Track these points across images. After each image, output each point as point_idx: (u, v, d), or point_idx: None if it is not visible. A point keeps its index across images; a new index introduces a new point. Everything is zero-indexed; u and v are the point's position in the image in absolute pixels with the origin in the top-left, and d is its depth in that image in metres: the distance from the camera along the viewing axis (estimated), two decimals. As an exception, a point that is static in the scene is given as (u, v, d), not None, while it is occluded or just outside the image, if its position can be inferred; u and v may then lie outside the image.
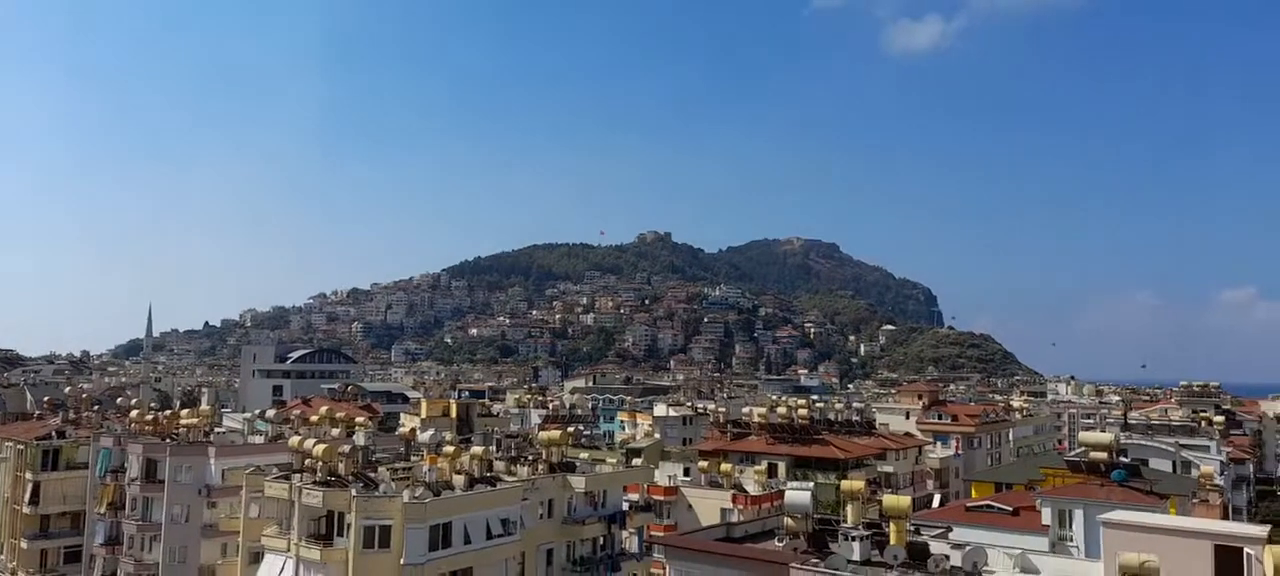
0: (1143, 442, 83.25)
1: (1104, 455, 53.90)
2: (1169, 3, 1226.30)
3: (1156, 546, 26.42)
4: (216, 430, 76.91)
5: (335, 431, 68.27)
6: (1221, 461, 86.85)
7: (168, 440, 68.08)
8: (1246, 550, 27.30)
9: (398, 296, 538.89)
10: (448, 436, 66.16)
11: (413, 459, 56.63)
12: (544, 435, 62.20)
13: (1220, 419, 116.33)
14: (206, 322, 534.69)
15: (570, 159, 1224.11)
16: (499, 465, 54.43)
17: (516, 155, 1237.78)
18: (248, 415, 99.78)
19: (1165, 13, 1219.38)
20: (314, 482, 46.20)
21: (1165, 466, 73.91)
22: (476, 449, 54.95)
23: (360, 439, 55.16)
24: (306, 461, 48.83)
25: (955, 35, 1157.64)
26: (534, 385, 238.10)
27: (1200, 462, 78.79)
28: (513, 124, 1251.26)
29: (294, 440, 53.35)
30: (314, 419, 73.56)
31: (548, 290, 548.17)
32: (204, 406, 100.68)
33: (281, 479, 48.17)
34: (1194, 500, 58.57)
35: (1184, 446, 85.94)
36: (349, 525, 43.79)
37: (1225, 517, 66.83)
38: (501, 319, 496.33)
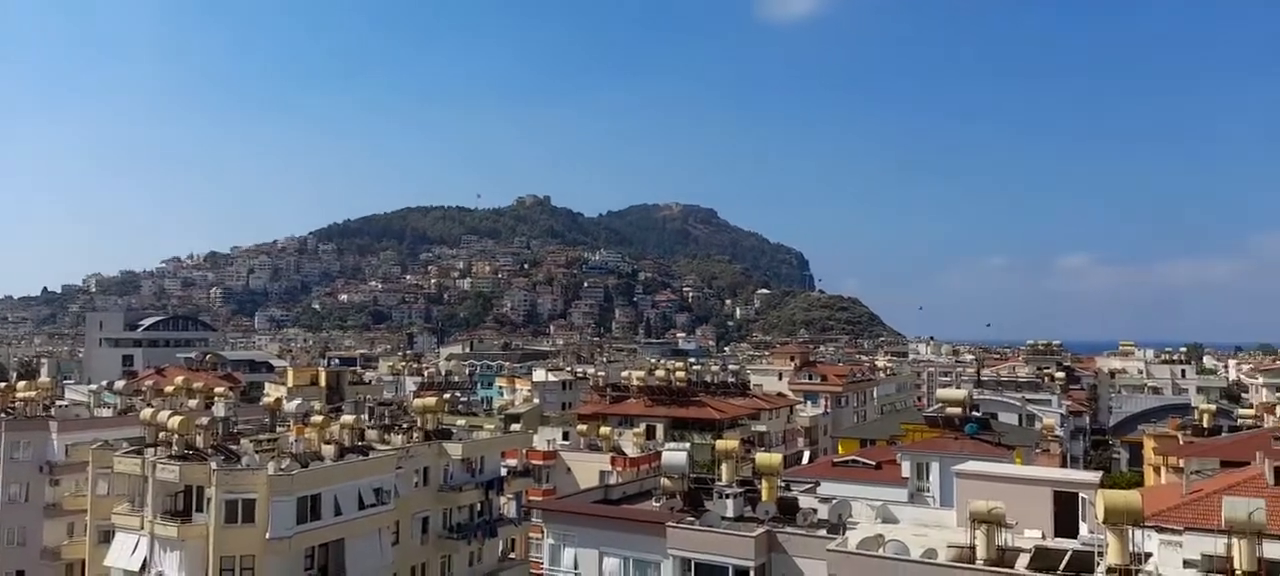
0: (993, 398, 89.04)
1: (958, 410, 57.28)
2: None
3: (1003, 494, 28.29)
4: (58, 403, 71.56)
5: (193, 403, 64.89)
6: (1062, 414, 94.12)
7: (2, 415, 62.81)
8: (1081, 495, 29.64)
9: (261, 260, 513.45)
10: (316, 406, 63.76)
11: (279, 430, 54.49)
12: (419, 402, 60.96)
13: (1061, 375, 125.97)
14: (45, 288, 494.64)
15: (446, 120, 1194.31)
16: (372, 434, 53.02)
17: (389, 116, 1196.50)
18: (94, 387, 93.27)
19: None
20: (170, 457, 43.76)
21: (1012, 420, 79.27)
22: (347, 418, 53.38)
23: (220, 410, 52.45)
24: (161, 435, 46.23)
25: (829, 4, 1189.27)
26: (409, 352, 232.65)
27: (1043, 415, 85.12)
28: (385, 83, 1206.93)
29: (146, 412, 50.40)
30: (169, 389, 69.68)
31: (423, 254, 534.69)
32: (43, 378, 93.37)
33: (133, 453, 45.42)
34: (1037, 450, 63.16)
35: (1029, 400, 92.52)
36: (209, 499, 41.78)
37: (1064, 465, 72.57)
38: (374, 284, 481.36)
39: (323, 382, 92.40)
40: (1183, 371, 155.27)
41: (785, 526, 31.37)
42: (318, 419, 51.67)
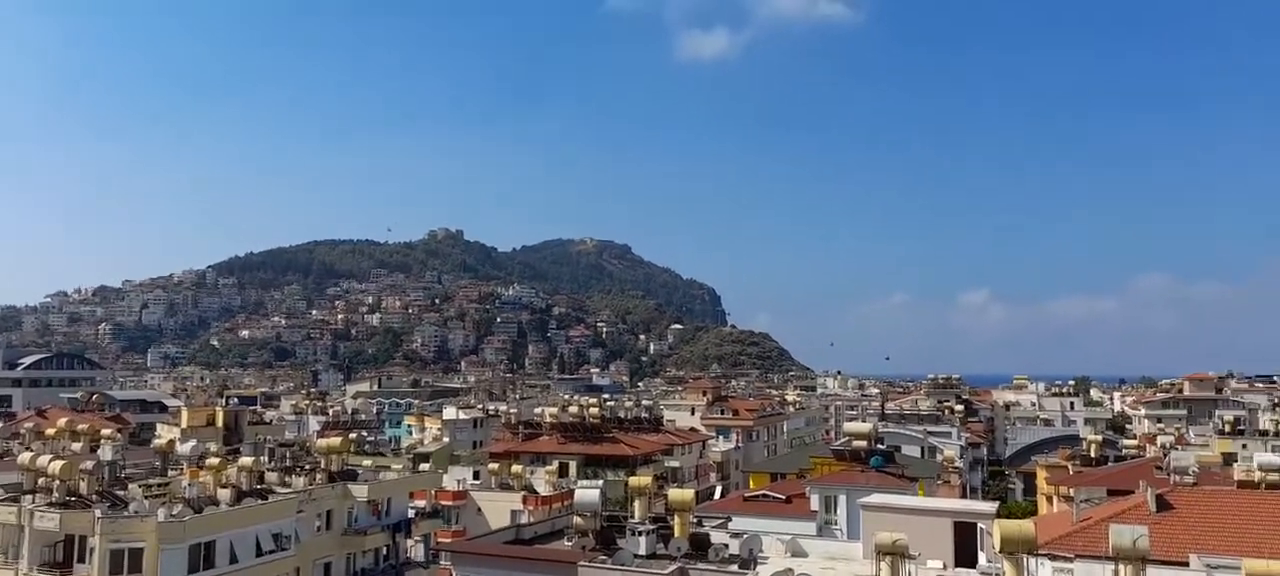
0: (897, 431, 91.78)
1: (864, 443, 58.81)
2: (931, 29, 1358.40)
3: (907, 525, 29.08)
4: (-76, 449, 66.54)
5: (76, 446, 61.20)
6: (961, 446, 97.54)
7: None
8: (980, 525, 30.72)
9: (155, 294, 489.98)
10: (213, 447, 60.98)
11: (171, 473, 51.94)
12: (323, 442, 59.04)
13: (960, 408, 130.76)
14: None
15: (355, 153, 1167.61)
16: (272, 476, 51.05)
17: (295, 147, 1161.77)
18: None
19: (927, 37, 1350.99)
20: (49, 504, 41.14)
21: (915, 452, 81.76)
22: (246, 460, 51.25)
23: (106, 453, 49.69)
24: (40, 480, 43.45)
25: (742, 47, 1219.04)
26: (313, 390, 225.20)
27: (944, 447, 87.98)
28: (289, 114, 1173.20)
29: (25, 457, 47.36)
30: (50, 432, 65.64)
31: (329, 289, 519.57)
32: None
33: (8, 501, 42.51)
34: (939, 481, 65.17)
35: (931, 433, 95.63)
36: (92, 549, 39.38)
37: (964, 496, 75.05)
38: (277, 319, 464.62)
39: (220, 423, 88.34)
40: (1072, 404, 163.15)
41: (697, 562, 31.47)
42: (213, 461, 49.48)
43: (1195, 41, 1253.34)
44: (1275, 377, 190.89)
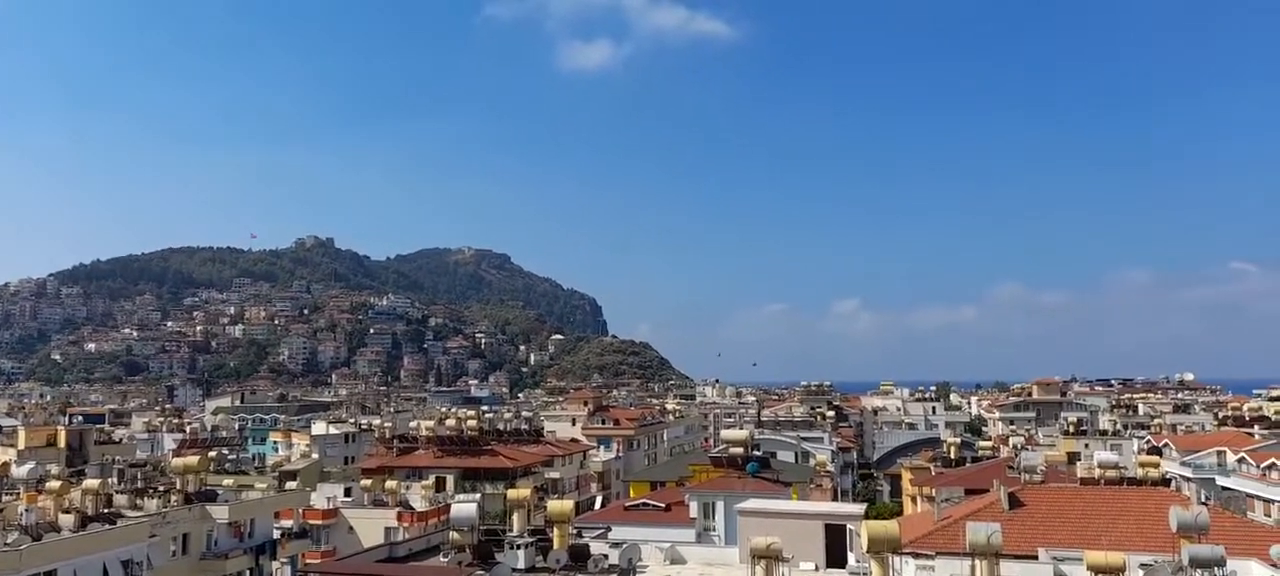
0: (773, 437, 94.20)
1: (741, 450, 60.08)
2: (805, 44, 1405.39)
3: (781, 529, 29.87)
4: None
5: (-109, 472, 55.48)
6: (832, 450, 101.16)
7: None
8: (849, 526, 31.88)
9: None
10: (53, 469, 56.47)
11: (6, 498, 47.71)
12: (179, 461, 55.61)
13: (831, 414, 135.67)
14: None
15: (216, 156, 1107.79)
16: (121, 499, 47.69)
17: (148, 149, 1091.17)
18: None
19: (802, 52, 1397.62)
20: None
21: (790, 457, 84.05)
22: (92, 482, 47.72)
23: (-72, 479, 45.20)
24: None
25: (623, 60, 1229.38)
26: (169, 406, 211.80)
27: (816, 452, 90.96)
28: (141, 114, 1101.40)
29: None
30: None
31: (187, 299, 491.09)
32: None
33: None
34: (812, 485, 67.28)
35: (804, 438, 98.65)
36: (-91, 587, 35.68)
37: (836, 498, 77.83)
38: (128, 331, 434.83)
39: (62, 443, 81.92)
40: (934, 408, 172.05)
41: (576, 574, 31.34)
42: (54, 484, 45.83)
43: (1061, 47, 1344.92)
44: (1113, 382, 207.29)
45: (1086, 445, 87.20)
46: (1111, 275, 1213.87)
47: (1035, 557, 32.83)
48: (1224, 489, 66.45)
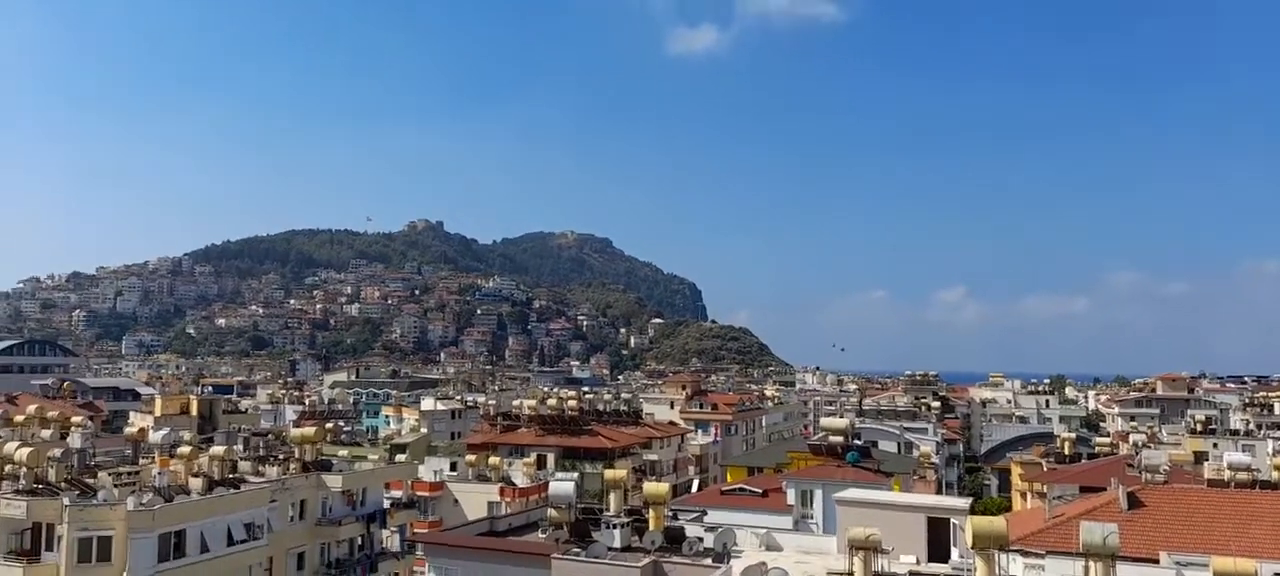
0: (874, 426, 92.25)
1: (841, 438, 58.98)
2: (918, 25, 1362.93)
3: (881, 520, 29.17)
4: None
5: (46, 433, 60.33)
6: (937, 442, 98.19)
7: None
8: (953, 520, 30.85)
9: (130, 282, 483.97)
10: (186, 436, 60.28)
11: (142, 462, 51.26)
12: (298, 432, 58.45)
13: (937, 404, 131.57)
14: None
15: (335, 142, 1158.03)
16: (245, 465, 50.52)
17: (272, 135, 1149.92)
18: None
19: (915, 34, 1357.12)
20: (16, 492, 40.50)
21: (892, 447, 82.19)
22: (217, 449, 50.69)
23: (76, 441, 48.98)
24: (8, 468, 42.78)
25: (728, 44, 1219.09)
26: (290, 379, 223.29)
27: (920, 443, 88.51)
28: (266, 101, 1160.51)
29: (-9, 444, 46.50)
30: (19, 419, 64.61)
31: (308, 278, 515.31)
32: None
33: (-28, 489, 41.78)
34: (914, 477, 65.57)
35: (907, 429, 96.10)
36: (60, 537, 38.81)
37: (940, 492, 75.64)
38: (254, 308, 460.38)
39: (194, 411, 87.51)
40: (1047, 401, 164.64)
41: (671, 555, 31.40)
42: (185, 450, 48.89)
43: (1195, 10, 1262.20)
44: (1245, 379, 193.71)
45: (1215, 445, 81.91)
46: (1242, 265, 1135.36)
47: (1156, 561, 31.06)
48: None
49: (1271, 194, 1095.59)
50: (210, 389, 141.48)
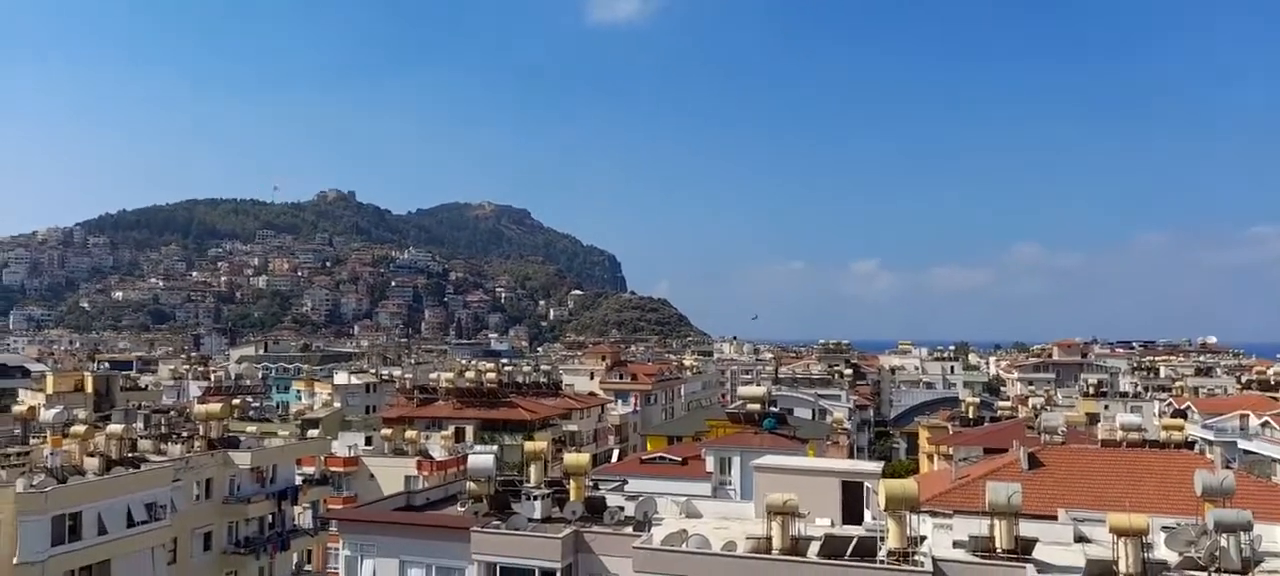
0: (790, 394, 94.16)
1: (758, 406, 59.98)
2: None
3: (797, 485, 29.71)
4: None
5: (-77, 413, 56.61)
6: (849, 408, 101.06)
7: None
8: (866, 484, 31.66)
9: (17, 253, 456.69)
10: (81, 414, 57.29)
11: (33, 441, 48.62)
12: (203, 409, 56.28)
13: (849, 372, 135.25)
14: None
15: (239, 108, 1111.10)
16: (145, 444, 48.36)
17: (172, 101, 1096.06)
18: None
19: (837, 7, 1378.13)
20: (-112, 477, 37.82)
21: (806, 414, 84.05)
22: (115, 427, 48.38)
23: (-42, 421, 46.00)
24: (-123, 451, 39.88)
25: (652, 12, 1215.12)
26: (194, 354, 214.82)
27: (833, 410, 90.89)
28: (165, 65, 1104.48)
29: None
30: (-108, 399, 60.34)
31: (212, 250, 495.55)
32: None
33: None
34: (828, 442, 67.25)
35: (821, 396, 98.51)
36: (-60, 525, 36.47)
37: (852, 456, 77.85)
38: (154, 281, 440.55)
39: (89, 388, 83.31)
40: (952, 368, 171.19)
41: (592, 526, 31.39)
42: (80, 429, 46.46)
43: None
44: (1134, 344, 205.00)
45: (1107, 407, 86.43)
46: (1131, 238, 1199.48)
47: (1055, 518, 32.53)
48: (1247, 453, 65.71)
49: (1161, 170, 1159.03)
50: (107, 365, 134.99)
